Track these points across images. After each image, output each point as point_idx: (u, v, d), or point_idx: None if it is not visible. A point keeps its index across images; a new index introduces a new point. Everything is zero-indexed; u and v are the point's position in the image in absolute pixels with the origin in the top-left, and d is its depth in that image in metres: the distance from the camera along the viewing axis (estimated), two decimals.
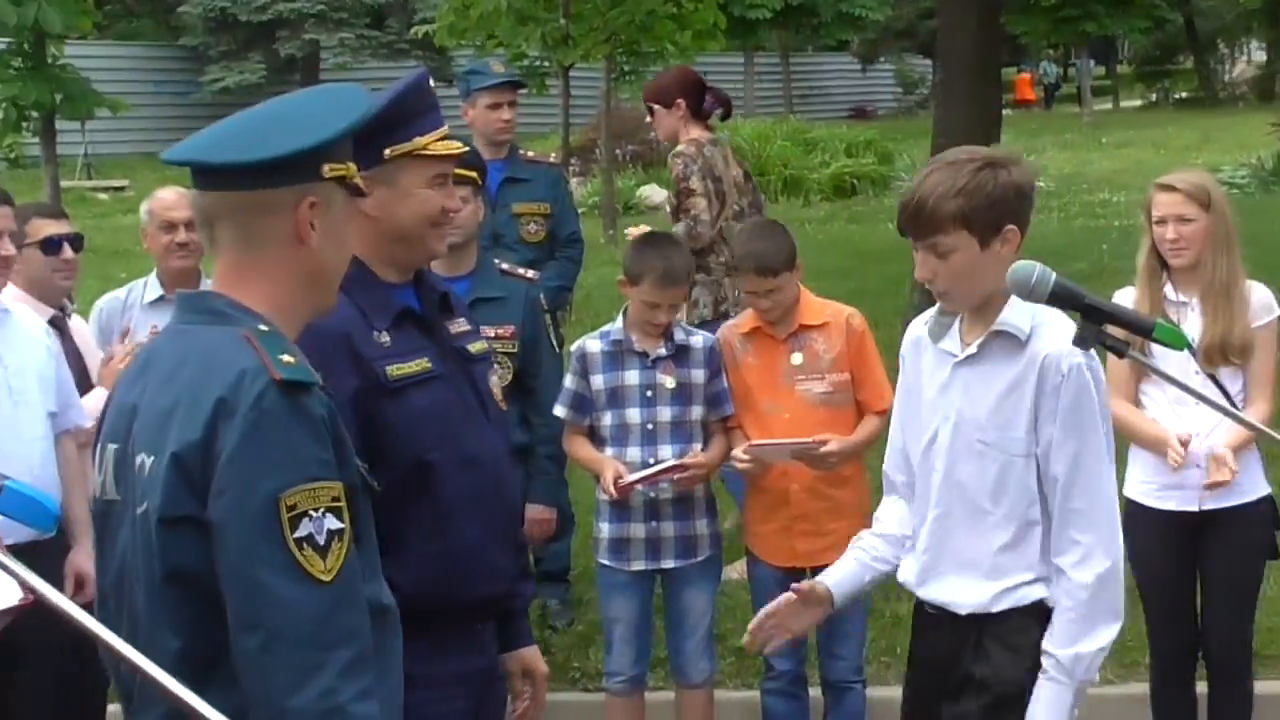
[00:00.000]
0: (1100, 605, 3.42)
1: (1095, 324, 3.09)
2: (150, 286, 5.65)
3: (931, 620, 3.71)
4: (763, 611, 3.74)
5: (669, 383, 5.14)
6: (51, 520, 2.03)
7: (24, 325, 4.78)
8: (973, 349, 3.53)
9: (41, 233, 5.18)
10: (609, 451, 5.14)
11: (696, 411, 5.15)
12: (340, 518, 2.44)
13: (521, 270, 5.68)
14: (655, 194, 20.00)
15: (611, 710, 5.43)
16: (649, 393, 5.14)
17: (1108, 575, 3.41)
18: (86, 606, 2.27)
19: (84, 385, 5.07)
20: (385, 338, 3.35)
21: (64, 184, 12.70)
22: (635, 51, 16.65)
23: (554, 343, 5.63)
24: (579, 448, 5.25)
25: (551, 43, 13.88)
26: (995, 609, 3.52)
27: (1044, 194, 19.61)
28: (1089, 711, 3.50)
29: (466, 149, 3.48)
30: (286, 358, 2.49)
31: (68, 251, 5.23)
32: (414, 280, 3.53)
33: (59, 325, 5.22)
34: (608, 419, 5.17)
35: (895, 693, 4.08)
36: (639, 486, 5.07)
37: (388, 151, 3.28)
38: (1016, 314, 3.47)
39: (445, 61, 30.13)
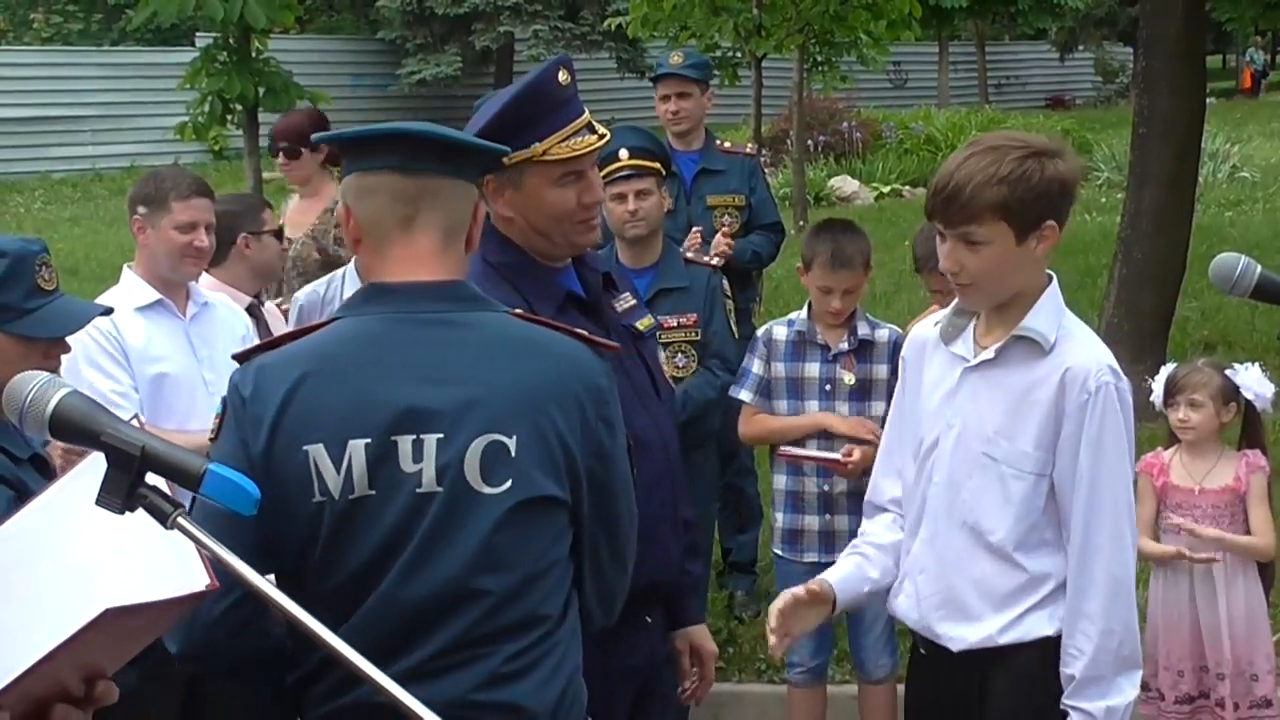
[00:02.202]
0: (1114, 658, 3.16)
1: None
2: (350, 280, 5.66)
3: (928, 661, 3.44)
4: (776, 611, 3.32)
5: (848, 378, 5.11)
6: (253, 502, 2.07)
7: (221, 318, 4.92)
8: (989, 353, 3.26)
9: (275, 222, 5.37)
10: (784, 445, 5.16)
11: (878, 407, 5.09)
12: None
13: (705, 258, 5.68)
14: (847, 185, 19.85)
15: (793, 701, 5.43)
16: (828, 387, 5.12)
17: (1110, 633, 3.15)
18: None
19: None
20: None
21: (265, 175, 12.99)
22: (829, 42, 16.52)
23: (733, 329, 5.61)
24: (756, 423, 5.25)
25: (744, 33, 13.84)
26: (1000, 642, 3.25)
27: (1249, 185, 19.03)
28: None
29: (596, 146, 3.32)
30: (583, 331, 2.78)
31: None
32: (576, 261, 3.50)
33: (254, 313, 5.37)
34: (783, 407, 5.16)
35: None
36: (799, 461, 5.09)
37: (505, 159, 3.12)
38: (1042, 319, 3.21)
39: (638, 53, 30.23)
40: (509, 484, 2.53)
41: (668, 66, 6.92)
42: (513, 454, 2.53)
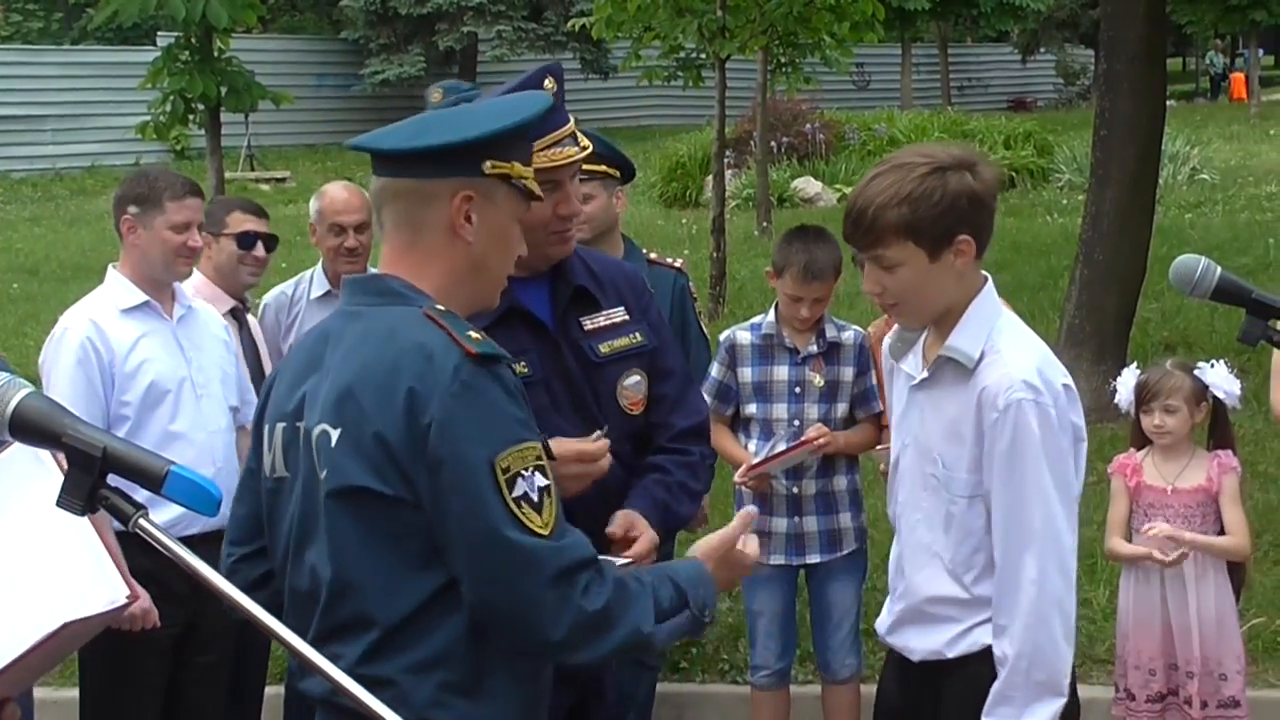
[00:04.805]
0: (1026, 680, 3.10)
1: (1262, 319, 3.01)
2: (317, 281, 5.65)
3: (896, 666, 3.49)
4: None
5: (817, 380, 5.11)
6: (214, 505, 2.07)
7: (206, 322, 4.91)
8: (926, 373, 3.25)
9: (240, 226, 5.30)
10: (753, 445, 5.13)
11: (842, 409, 5.13)
12: (546, 474, 2.59)
13: (670, 259, 5.67)
14: (810, 186, 19.90)
15: (757, 703, 5.43)
16: (797, 389, 5.12)
17: (1021, 655, 3.09)
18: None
19: (259, 376, 5.14)
20: (475, 335, 3.23)
21: (227, 175, 12.95)
22: (792, 43, 16.53)
23: (703, 330, 5.58)
24: (719, 437, 5.23)
25: (708, 35, 13.81)
26: (950, 655, 3.26)
27: (1208, 187, 19.16)
28: None
29: (577, 158, 3.31)
30: (473, 334, 2.62)
31: (260, 250, 5.34)
32: (554, 273, 3.42)
33: (238, 316, 5.34)
34: (753, 409, 5.15)
35: None
36: (771, 470, 5.05)
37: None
38: (966, 338, 3.16)
39: (602, 54, 30.24)
40: (325, 472, 2.59)
41: None
42: (332, 444, 2.58)
